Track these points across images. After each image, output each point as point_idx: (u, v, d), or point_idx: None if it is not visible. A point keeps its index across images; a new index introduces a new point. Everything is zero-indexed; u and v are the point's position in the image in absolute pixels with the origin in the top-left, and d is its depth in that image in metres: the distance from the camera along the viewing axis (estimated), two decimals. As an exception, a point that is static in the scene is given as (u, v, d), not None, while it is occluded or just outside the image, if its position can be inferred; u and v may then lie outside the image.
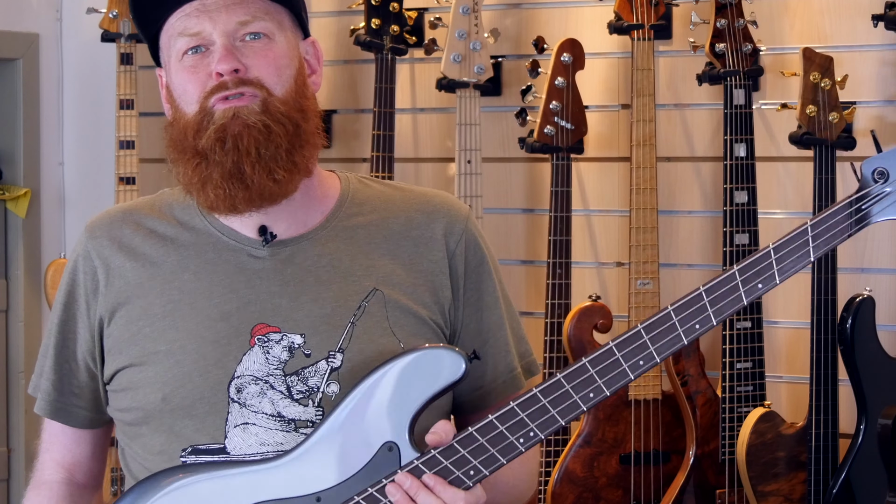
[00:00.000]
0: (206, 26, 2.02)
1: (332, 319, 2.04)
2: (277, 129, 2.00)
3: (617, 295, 3.89)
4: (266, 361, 2.03)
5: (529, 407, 1.93)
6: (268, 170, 2.00)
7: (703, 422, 3.63)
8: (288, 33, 2.07)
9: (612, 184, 3.94)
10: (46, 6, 4.51)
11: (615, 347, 1.94)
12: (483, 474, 1.93)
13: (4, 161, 4.43)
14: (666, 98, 3.85)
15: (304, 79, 2.08)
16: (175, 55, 2.06)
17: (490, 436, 1.93)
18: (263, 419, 2.01)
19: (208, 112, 2.02)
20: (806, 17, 3.73)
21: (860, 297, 3.45)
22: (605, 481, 3.66)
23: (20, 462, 4.42)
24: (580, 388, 1.94)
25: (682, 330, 1.93)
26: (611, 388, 1.95)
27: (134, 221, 2.14)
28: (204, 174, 2.02)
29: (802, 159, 3.67)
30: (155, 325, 2.06)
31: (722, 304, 1.91)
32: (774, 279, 1.92)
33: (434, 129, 4.13)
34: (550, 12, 3.99)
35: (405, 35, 3.87)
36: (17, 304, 4.42)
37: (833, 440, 3.52)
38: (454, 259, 2.13)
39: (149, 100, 4.32)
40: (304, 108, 2.05)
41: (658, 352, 1.94)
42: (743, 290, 1.90)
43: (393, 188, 2.20)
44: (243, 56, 2.02)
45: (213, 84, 2.01)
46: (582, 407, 1.94)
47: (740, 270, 1.91)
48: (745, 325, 3.59)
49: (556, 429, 1.94)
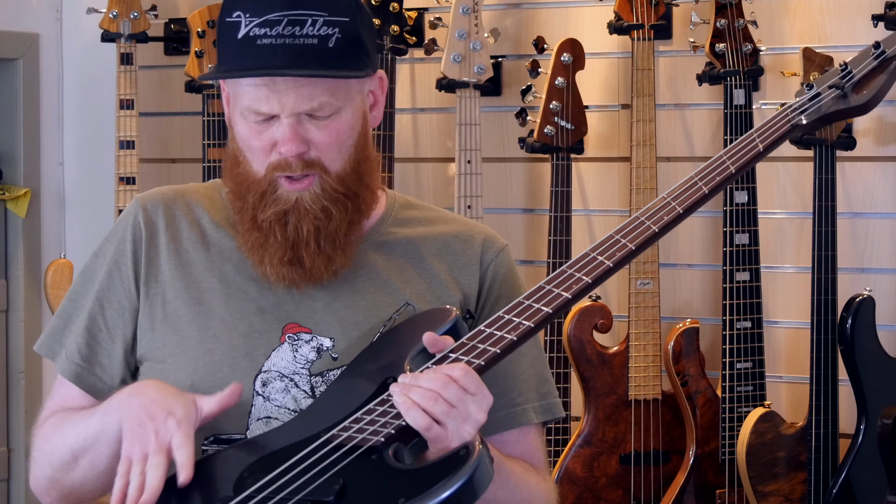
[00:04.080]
0: (275, 105, 2.02)
1: (362, 327, 2.08)
2: (336, 211, 2.05)
3: (617, 295, 3.89)
4: (294, 359, 2.06)
5: (535, 294, 1.99)
6: (326, 257, 2.05)
7: (703, 422, 3.63)
8: (355, 100, 2.07)
9: (612, 184, 3.94)
10: (46, 6, 4.51)
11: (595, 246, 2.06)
12: (493, 352, 1.94)
13: (4, 161, 4.43)
14: (666, 98, 3.85)
15: (365, 138, 2.09)
16: (240, 109, 2.06)
17: (498, 324, 1.97)
18: (286, 415, 2.04)
19: (273, 184, 2.05)
20: (806, 17, 3.73)
21: (860, 297, 3.45)
22: (605, 481, 3.66)
23: (20, 462, 4.42)
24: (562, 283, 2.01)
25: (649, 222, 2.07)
26: (591, 275, 2.03)
27: (186, 204, 2.16)
28: (262, 251, 2.06)
29: (802, 159, 3.67)
30: (190, 309, 2.09)
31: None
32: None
33: (434, 129, 4.13)
34: (550, 12, 3.99)
35: (405, 35, 3.87)
36: (17, 304, 4.42)
37: (833, 440, 3.52)
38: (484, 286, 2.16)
39: (149, 100, 4.32)
40: (362, 171, 2.08)
41: (631, 241, 2.05)
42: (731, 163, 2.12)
43: (436, 212, 2.23)
44: (307, 132, 2.03)
45: (277, 159, 2.04)
46: (567, 295, 2.00)
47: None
48: (745, 325, 3.59)
49: (545, 316, 1.98)
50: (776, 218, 3.77)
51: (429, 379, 1.89)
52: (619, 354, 3.67)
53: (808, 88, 2.21)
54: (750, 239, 3.59)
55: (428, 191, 4.12)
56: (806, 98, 2.20)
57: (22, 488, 4.40)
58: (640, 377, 3.65)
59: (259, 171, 2.06)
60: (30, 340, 4.43)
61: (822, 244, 3.50)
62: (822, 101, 2.19)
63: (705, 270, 3.85)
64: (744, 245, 3.58)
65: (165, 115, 4.35)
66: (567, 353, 3.65)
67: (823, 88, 2.20)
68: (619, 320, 3.76)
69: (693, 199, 2.09)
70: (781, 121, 2.18)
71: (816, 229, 3.50)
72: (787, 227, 3.77)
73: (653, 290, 3.67)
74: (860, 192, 3.71)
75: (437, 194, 4.08)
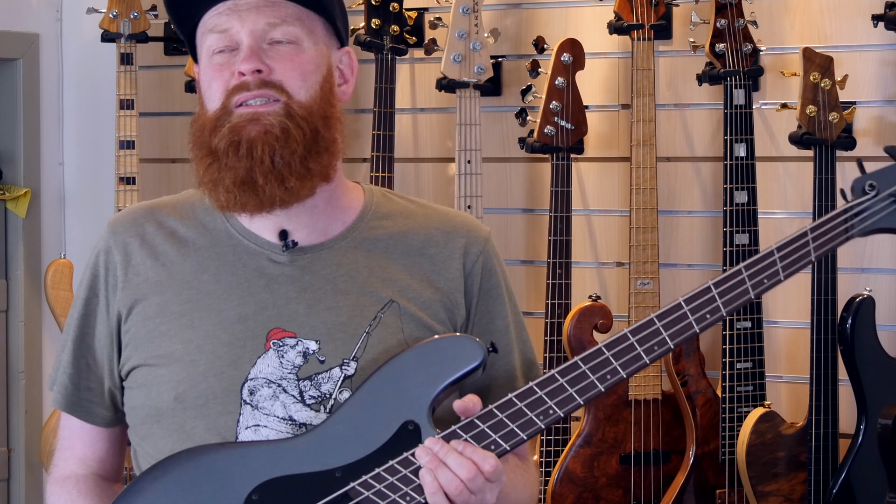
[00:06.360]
0: (235, 24, 2.03)
1: (347, 328, 2.06)
2: (296, 134, 2.01)
3: (617, 295, 3.89)
4: (280, 365, 2.04)
5: (547, 385, 1.98)
6: (280, 178, 2.01)
7: (703, 422, 3.63)
8: (319, 41, 2.07)
9: (612, 184, 3.94)
10: (46, 6, 4.51)
11: (630, 333, 2.00)
12: (503, 448, 1.95)
13: (4, 161, 4.42)
14: (666, 98, 3.85)
15: (331, 87, 2.08)
16: (206, 52, 2.08)
17: (510, 412, 1.96)
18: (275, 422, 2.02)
19: (227, 111, 2.03)
20: (806, 17, 3.73)
21: (860, 297, 3.45)
22: (605, 481, 3.66)
23: (20, 462, 4.41)
24: (597, 369, 1.99)
25: (693, 318, 2.01)
26: (627, 369, 1.99)
27: (156, 220, 2.15)
28: (216, 176, 2.03)
29: (802, 159, 3.67)
30: (172, 324, 2.08)
31: (731, 295, 2.01)
32: (779, 276, 2.02)
33: (434, 129, 4.13)
34: (550, 12, 3.99)
35: (405, 35, 3.87)
36: (17, 304, 4.42)
37: (833, 440, 3.52)
38: (469, 278, 2.15)
39: (149, 100, 4.32)
40: (328, 115, 2.06)
41: (671, 338, 2.00)
42: (750, 284, 2.01)
43: (416, 204, 2.21)
44: (268, 58, 2.03)
45: (235, 83, 2.02)
46: (599, 387, 1.98)
47: (746, 266, 2.01)
48: (745, 325, 3.59)
49: (575, 408, 1.97)
50: (776, 218, 3.77)
51: (458, 463, 1.92)
52: (619, 354, 3.67)
53: (871, 189, 2.05)
54: (750, 239, 3.59)
55: (428, 191, 4.12)
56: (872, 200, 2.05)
57: (22, 488, 4.40)
58: (639, 377, 3.65)
59: (216, 105, 2.04)
60: (30, 340, 4.43)
61: (822, 244, 3.50)
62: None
63: (705, 270, 3.85)
64: (744, 245, 3.58)
65: (165, 115, 4.35)
66: (567, 353, 3.65)
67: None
68: (619, 320, 3.76)
69: (735, 303, 2.02)
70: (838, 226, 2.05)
71: (816, 229, 3.50)
72: (787, 227, 3.77)
73: (653, 290, 3.67)
74: (860, 192, 3.70)
75: (437, 194, 4.08)
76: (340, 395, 2.03)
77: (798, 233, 2.03)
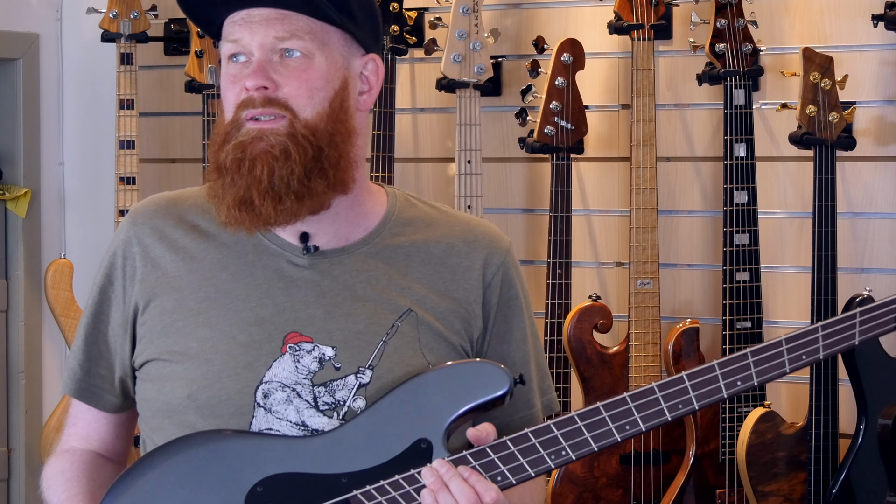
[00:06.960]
0: (246, 36, 2.02)
1: (364, 336, 2.05)
2: (296, 154, 2.00)
3: (617, 295, 3.89)
4: (295, 370, 2.03)
5: (565, 427, 1.98)
6: (276, 198, 2.01)
7: (703, 422, 3.63)
8: (333, 53, 2.05)
9: (612, 184, 3.94)
10: (46, 6, 4.51)
11: (657, 387, 2.00)
12: (509, 482, 1.96)
13: (4, 161, 4.43)
14: (666, 98, 3.85)
15: (342, 101, 2.06)
16: (223, 57, 2.07)
17: (523, 446, 1.96)
18: (287, 426, 2.02)
19: (238, 125, 2.03)
20: (806, 17, 3.73)
21: (860, 297, 3.45)
22: (605, 481, 3.66)
23: (20, 462, 4.41)
24: (617, 418, 2.00)
25: (693, 395, 2.01)
26: (647, 423, 2.00)
27: (178, 213, 2.15)
28: (219, 193, 2.04)
29: (802, 159, 3.67)
30: (188, 321, 2.07)
31: (735, 377, 2.03)
32: (784, 367, 2.11)
33: (434, 129, 4.13)
34: (550, 12, 3.99)
35: (405, 35, 3.87)
36: (17, 304, 4.42)
37: (833, 440, 3.52)
38: (489, 290, 2.14)
39: (149, 100, 4.33)
40: (335, 131, 2.04)
41: (697, 399, 2.01)
42: (755, 370, 2.06)
43: (438, 210, 2.20)
44: (276, 73, 2.02)
45: (243, 97, 2.02)
46: (616, 437, 1.99)
47: (753, 352, 2.08)
48: (744, 326, 3.59)
49: (588, 453, 1.98)
50: (776, 218, 3.76)
51: (460, 489, 1.92)
52: (619, 354, 3.67)
53: None
54: (750, 239, 3.59)
55: (428, 191, 4.12)
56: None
57: (22, 488, 4.40)
58: (640, 377, 3.65)
59: (229, 116, 2.04)
60: (30, 340, 4.43)
61: (822, 244, 3.50)
62: None
63: (705, 270, 3.85)
64: (744, 245, 3.58)
65: (165, 115, 4.35)
66: (567, 353, 3.65)
67: None
68: (619, 320, 3.76)
69: (712, 397, 2.02)
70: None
71: (816, 229, 3.50)
72: (787, 227, 3.77)
73: (653, 290, 3.67)
74: (860, 192, 3.71)
75: (438, 194, 4.08)
76: (354, 403, 2.02)
77: None
